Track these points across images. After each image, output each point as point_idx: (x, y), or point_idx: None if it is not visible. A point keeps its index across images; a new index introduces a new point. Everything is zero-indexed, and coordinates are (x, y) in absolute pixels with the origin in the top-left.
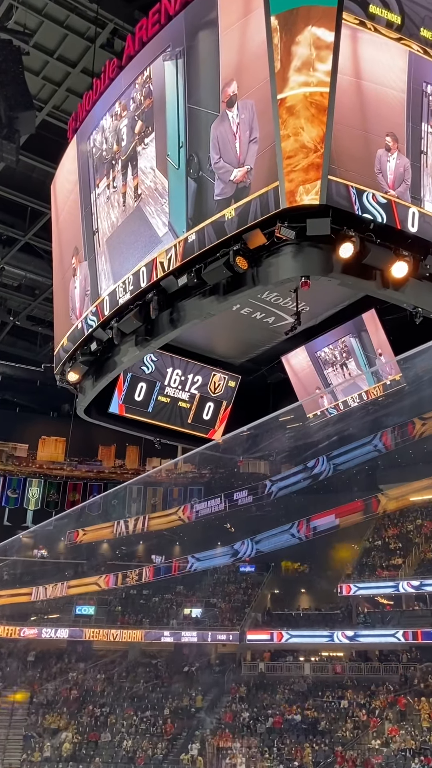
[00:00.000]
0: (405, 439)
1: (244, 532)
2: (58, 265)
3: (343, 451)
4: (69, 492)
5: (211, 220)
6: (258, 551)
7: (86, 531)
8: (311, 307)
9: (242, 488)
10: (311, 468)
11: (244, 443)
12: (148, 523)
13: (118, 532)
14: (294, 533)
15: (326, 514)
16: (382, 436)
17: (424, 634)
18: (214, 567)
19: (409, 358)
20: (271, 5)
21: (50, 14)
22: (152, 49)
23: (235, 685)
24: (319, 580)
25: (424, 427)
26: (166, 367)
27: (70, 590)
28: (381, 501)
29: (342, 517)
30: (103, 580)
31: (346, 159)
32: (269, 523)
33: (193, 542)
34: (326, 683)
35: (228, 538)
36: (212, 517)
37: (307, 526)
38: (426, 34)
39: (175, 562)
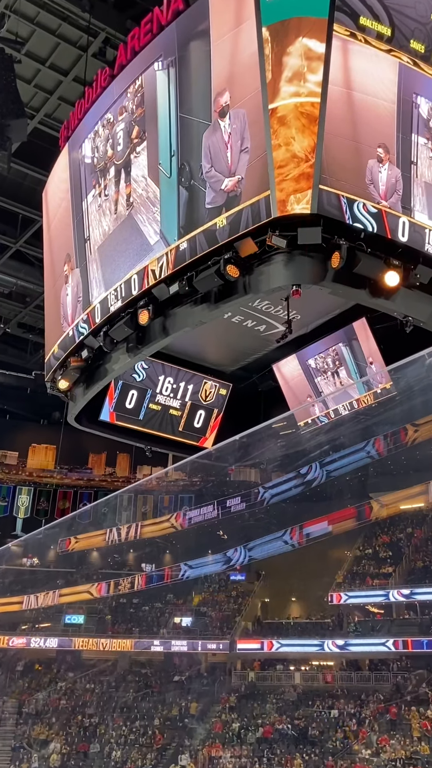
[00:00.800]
0: (398, 445)
1: (237, 539)
2: (50, 273)
3: (336, 458)
4: (59, 500)
5: (203, 229)
6: (251, 558)
7: (78, 539)
8: (302, 316)
9: (235, 495)
10: (304, 475)
11: (236, 452)
12: (140, 531)
13: (111, 539)
14: (287, 540)
15: (319, 520)
16: (375, 443)
17: (414, 643)
18: (207, 574)
19: (400, 367)
20: (262, 16)
21: (42, 23)
22: (144, 59)
23: (225, 695)
24: (310, 588)
25: (417, 434)
26: (158, 375)
27: (62, 599)
28: (374, 508)
29: (335, 524)
30: (95, 588)
31: (337, 169)
32: (262, 530)
33: (186, 550)
34: (316, 692)
35: (221, 545)
36: (205, 524)
37: (300, 533)
38: (416, 46)
39: (168, 570)
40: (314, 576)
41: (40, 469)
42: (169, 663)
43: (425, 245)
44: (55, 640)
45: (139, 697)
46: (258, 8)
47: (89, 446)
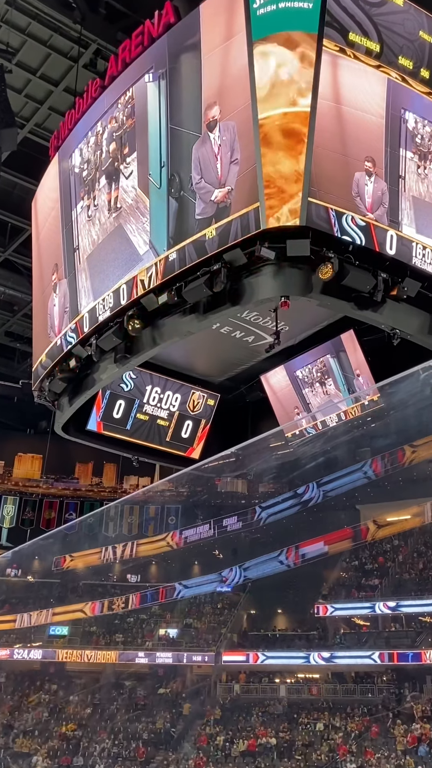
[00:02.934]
0: (395, 466)
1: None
2: (38, 282)
3: (333, 478)
4: (45, 510)
5: (192, 239)
6: (246, 578)
7: (74, 557)
8: (290, 327)
9: (231, 514)
10: (301, 494)
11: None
12: (136, 549)
13: (106, 557)
14: (282, 560)
15: (315, 541)
16: (373, 463)
17: (400, 656)
18: (201, 594)
19: (395, 382)
20: (253, 30)
21: (33, 33)
22: (135, 70)
23: (210, 708)
24: (296, 600)
25: (414, 455)
26: (145, 385)
27: (55, 617)
28: (370, 529)
29: (331, 544)
30: (89, 607)
31: (326, 182)
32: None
33: (181, 568)
34: (302, 705)
35: (216, 564)
36: (201, 543)
37: (296, 553)
38: (404, 62)
39: (162, 589)
40: (300, 588)
41: (26, 479)
42: (154, 675)
43: (413, 258)
44: (39, 651)
45: (123, 710)
46: (249, 22)
47: (76, 456)
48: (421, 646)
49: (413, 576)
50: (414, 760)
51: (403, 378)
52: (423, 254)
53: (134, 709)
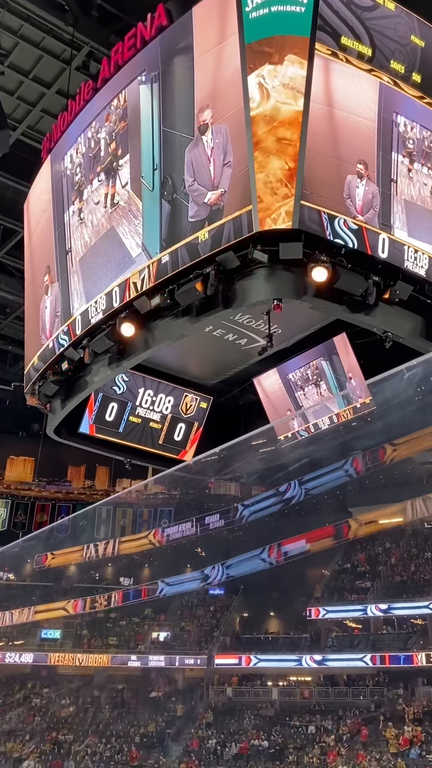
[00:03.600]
0: (376, 464)
1: (215, 557)
2: (30, 284)
3: (315, 476)
4: (37, 513)
5: (185, 242)
6: (228, 576)
7: (55, 555)
8: (283, 330)
9: (214, 512)
10: (283, 492)
11: (216, 465)
12: (118, 547)
13: (88, 555)
14: (264, 558)
15: (297, 539)
16: (354, 461)
17: (391, 658)
18: (184, 592)
19: (378, 382)
20: (245, 33)
21: (26, 35)
22: (128, 73)
23: (203, 711)
24: (288, 603)
25: (395, 453)
26: (138, 388)
27: (37, 615)
28: (352, 526)
29: (312, 542)
30: (71, 605)
31: (318, 185)
32: (240, 548)
33: (164, 566)
34: (294, 708)
35: (199, 562)
36: (183, 541)
37: (278, 551)
38: (396, 67)
39: (145, 587)
40: (293, 590)
41: (18, 482)
42: (146, 679)
43: (404, 262)
44: (31, 655)
45: (115, 714)
46: (241, 26)
47: (68, 459)
48: (413, 648)
49: (405, 578)
50: (405, 762)
51: (387, 377)
52: (415, 257)
53: (126, 713)
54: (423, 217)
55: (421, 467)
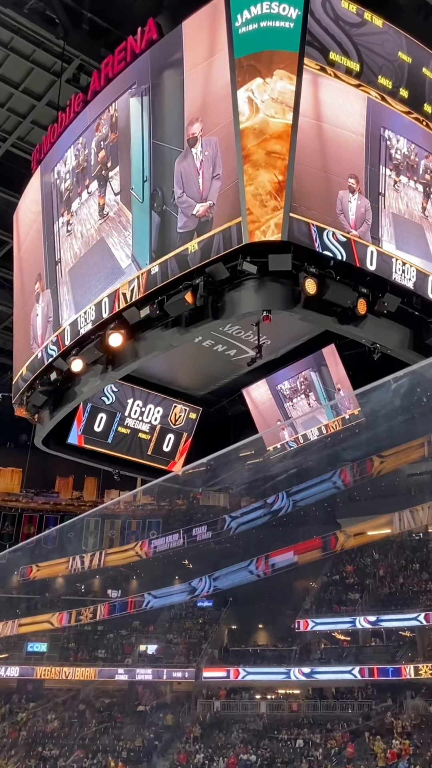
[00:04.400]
0: (363, 476)
1: (202, 569)
2: (20, 295)
3: (303, 488)
4: (24, 524)
5: (174, 253)
6: (216, 588)
7: (40, 567)
8: (272, 341)
9: (201, 524)
10: (271, 504)
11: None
12: (104, 559)
13: (74, 567)
14: (252, 570)
15: (285, 551)
16: (341, 473)
17: (380, 671)
18: (171, 604)
19: (365, 392)
20: (235, 48)
21: (16, 48)
22: (118, 86)
23: (190, 725)
24: (277, 615)
25: (383, 465)
26: (127, 398)
27: (22, 628)
28: (339, 538)
29: (300, 554)
30: (56, 617)
31: (307, 198)
32: (228, 560)
33: (150, 579)
34: (282, 722)
35: (186, 574)
36: (170, 552)
37: (266, 563)
38: (383, 82)
39: (131, 599)
40: (281, 602)
41: (6, 493)
42: (133, 692)
43: (393, 274)
44: (17, 668)
45: (102, 728)
46: (231, 40)
47: (56, 470)
48: (401, 660)
49: (393, 590)
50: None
51: (374, 388)
52: (403, 270)
53: (113, 727)
54: (410, 230)
55: (408, 479)
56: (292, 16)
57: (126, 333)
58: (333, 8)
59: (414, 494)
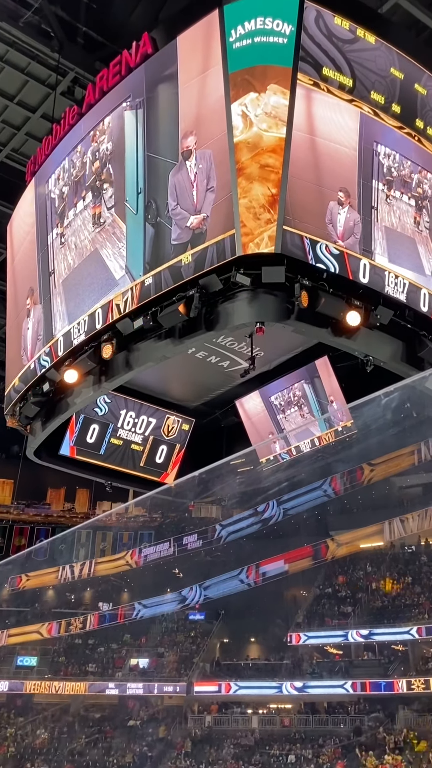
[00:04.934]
0: (354, 484)
1: (193, 578)
2: (12, 306)
3: (293, 496)
4: (15, 536)
5: (168, 265)
6: (206, 597)
7: (30, 576)
8: (265, 353)
9: (191, 532)
10: (261, 512)
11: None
12: (94, 568)
13: (63, 577)
14: (243, 579)
15: (275, 559)
16: (332, 481)
17: (372, 685)
18: (162, 614)
19: (357, 407)
20: (229, 63)
21: (11, 61)
22: (112, 99)
23: (181, 740)
24: (269, 628)
25: (373, 473)
26: (120, 409)
27: (11, 639)
28: (330, 547)
29: (291, 563)
30: (45, 628)
31: (300, 211)
32: (218, 569)
33: (141, 588)
34: (274, 737)
35: (176, 583)
36: (160, 562)
37: (257, 572)
38: (376, 97)
39: (121, 609)
40: (273, 616)
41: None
42: (124, 707)
43: (385, 287)
44: (6, 683)
45: (92, 743)
46: (225, 55)
47: (48, 481)
48: (394, 675)
49: (386, 603)
50: None
51: (365, 403)
52: (395, 283)
53: (103, 742)
54: (403, 244)
55: (400, 491)
56: (286, 31)
57: (119, 344)
58: (326, 25)
59: (406, 506)
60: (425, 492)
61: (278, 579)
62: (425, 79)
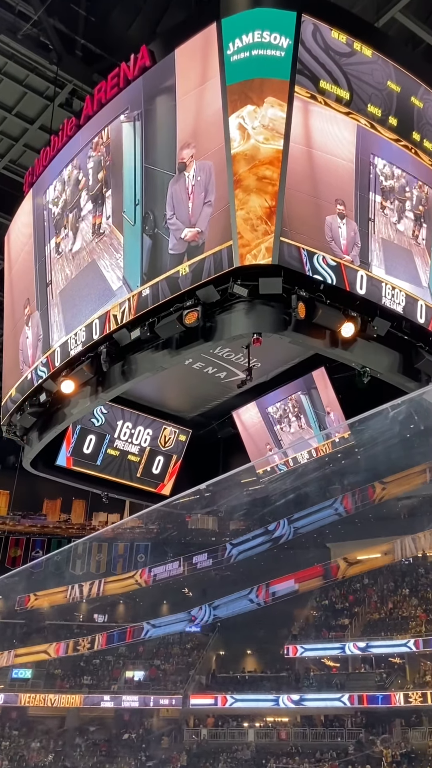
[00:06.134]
0: (365, 503)
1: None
2: (10, 316)
3: (304, 515)
4: (11, 547)
5: (166, 276)
6: (216, 617)
7: (38, 596)
8: (262, 364)
9: (201, 551)
10: (272, 531)
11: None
12: (103, 588)
13: (72, 596)
14: (252, 599)
15: (286, 578)
16: (343, 500)
17: (369, 698)
18: (170, 634)
19: (364, 419)
20: (227, 76)
21: (10, 73)
22: (110, 111)
23: (176, 754)
24: (266, 641)
25: (384, 492)
26: (117, 420)
27: (17, 659)
28: (341, 566)
29: (301, 582)
30: (53, 648)
31: (298, 223)
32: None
33: (149, 607)
34: (270, 750)
35: (185, 603)
36: (170, 581)
37: (266, 591)
38: (373, 110)
39: (130, 629)
40: (270, 628)
41: None
42: (120, 720)
43: (382, 298)
44: (1, 696)
45: (87, 757)
46: (222, 68)
47: (44, 492)
48: (391, 688)
49: (383, 616)
50: None
51: (372, 415)
52: (392, 294)
53: (98, 756)
54: (400, 256)
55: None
56: (283, 45)
57: (116, 354)
58: (323, 38)
59: (408, 517)
60: (426, 503)
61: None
62: (422, 92)
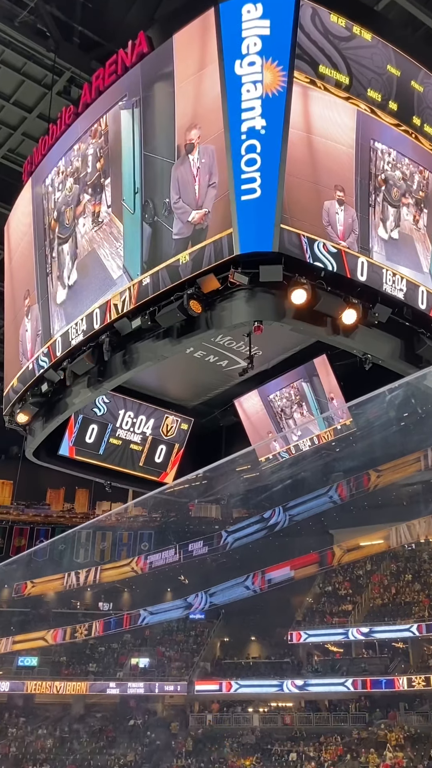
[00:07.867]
0: (360, 490)
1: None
2: (10, 307)
3: (299, 502)
4: (15, 537)
5: (166, 264)
6: (212, 604)
7: (35, 583)
8: (264, 351)
9: (197, 539)
10: (267, 519)
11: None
12: (99, 575)
13: (69, 583)
14: (249, 585)
15: (281, 566)
16: (338, 488)
17: (373, 683)
18: (167, 621)
19: (360, 403)
20: (225, 61)
21: (7, 61)
22: (109, 98)
23: (182, 739)
24: (270, 627)
25: (379, 479)
26: (118, 409)
27: (16, 646)
28: (336, 553)
29: (297, 569)
30: (51, 635)
31: (298, 209)
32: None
33: (146, 594)
34: (275, 735)
35: (182, 590)
36: (166, 568)
37: (262, 578)
38: (373, 95)
39: (127, 616)
40: (274, 614)
41: None
42: (125, 706)
43: (383, 285)
44: (7, 683)
45: (93, 743)
46: (221, 53)
47: (47, 481)
48: (394, 672)
49: (386, 601)
50: None
51: (368, 399)
52: (393, 281)
53: (104, 742)
54: (401, 242)
55: (401, 489)
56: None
57: (117, 344)
58: (322, 22)
59: (406, 504)
60: (425, 490)
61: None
62: (422, 76)
